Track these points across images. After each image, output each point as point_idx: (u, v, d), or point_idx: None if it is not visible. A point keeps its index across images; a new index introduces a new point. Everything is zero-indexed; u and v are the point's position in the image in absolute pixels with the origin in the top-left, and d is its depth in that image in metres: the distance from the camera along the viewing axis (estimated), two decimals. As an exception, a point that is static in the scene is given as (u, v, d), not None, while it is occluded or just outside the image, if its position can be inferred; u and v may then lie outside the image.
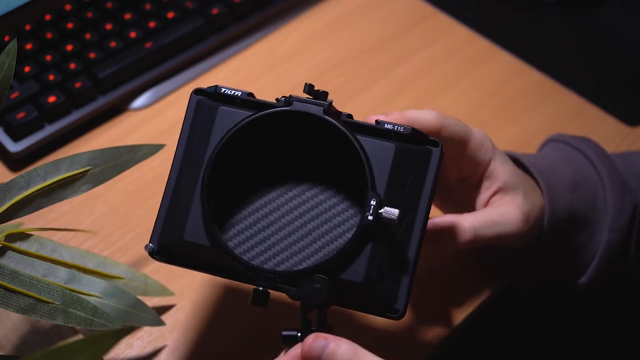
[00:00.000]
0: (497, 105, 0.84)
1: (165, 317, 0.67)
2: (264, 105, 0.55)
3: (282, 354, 0.52)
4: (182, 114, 0.82)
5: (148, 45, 0.83)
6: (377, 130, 0.55)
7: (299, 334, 0.52)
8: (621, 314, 0.88)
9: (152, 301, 0.67)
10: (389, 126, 0.54)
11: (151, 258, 0.56)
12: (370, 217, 0.51)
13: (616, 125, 0.82)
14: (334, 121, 0.53)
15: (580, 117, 0.83)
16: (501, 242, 0.62)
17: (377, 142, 0.54)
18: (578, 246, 0.67)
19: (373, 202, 0.52)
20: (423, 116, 0.58)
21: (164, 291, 0.66)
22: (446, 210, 0.67)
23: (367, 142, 0.54)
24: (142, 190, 0.76)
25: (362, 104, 0.84)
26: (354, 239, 0.52)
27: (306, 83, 0.54)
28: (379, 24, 0.91)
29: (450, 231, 0.60)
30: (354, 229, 0.53)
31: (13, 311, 0.56)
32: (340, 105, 0.84)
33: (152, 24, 0.85)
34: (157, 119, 0.82)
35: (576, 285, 0.68)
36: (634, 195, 0.67)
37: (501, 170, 0.62)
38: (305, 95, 0.55)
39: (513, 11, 0.94)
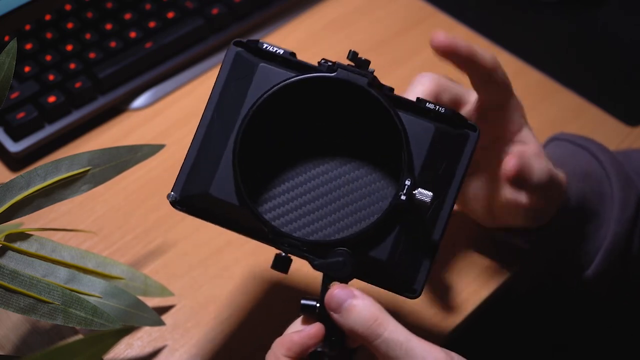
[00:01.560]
0: (497, 105, 0.84)
1: (165, 317, 0.67)
2: (307, 67, 0.54)
3: (297, 320, 0.52)
4: (183, 114, 0.83)
5: (148, 45, 0.83)
6: (418, 108, 0.54)
7: (318, 304, 0.52)
8: (620, 314, 0.88)
9: (152, 301, 0.67)
10: (430, 105, 0.54)
11: (150, 259, 0.56)
12: (403, 197, 0.51)
13: (616, 125, 0.82)
14: (378, 95, 0.52)
15: (580, 117, 0.83)
16: (547, 198, 0.63)
17: (417, 120, 0.53)
18: (584, 238, 0.67)
19: (408, 183, 0.51)
20: (483, 53, 0.61)
21: (164, 291, 0.66)
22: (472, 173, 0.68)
23: (407, 120, 0.53)
24: (142, 190, 0.76)
25: (362, 104, 0.84)
26: (384, 218, 0.51)
27: (350, 50, 0.53)
28: (379, 24, 0.91)
29: (531, 167, 0.61)
30: (386, 207, 0.52)
31: (13, 311, 0.56)
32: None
33: (152, 24, 0.85)
34: (157, 119, 0.82)
35: (581, 279, 0.68)
36: (637, 189, 0.67)
37: (533, 140, 0.64)
38: (348, 62, 0.54)
39: (513, 11, 0.94)
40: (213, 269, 0.71)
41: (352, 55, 0.53)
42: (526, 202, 0.63)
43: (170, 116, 0.82)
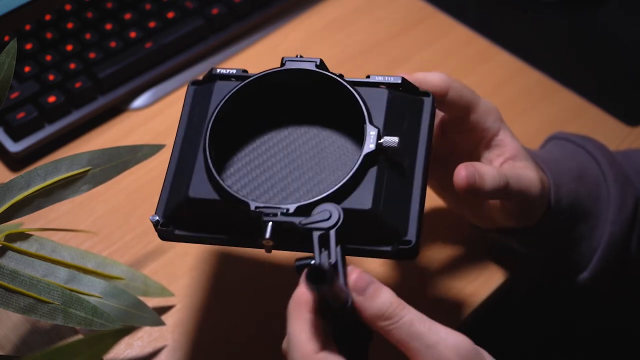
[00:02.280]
0: (497, 105, 0.84)
1: (165, 318, 0.67)
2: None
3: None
4: (182, 114, 0.83)
5: (148, 45, 0.83)
6: (369, 83, 0.56)
7: (312, 262, 0.50)
8: (620, 314, 0.88)
9: (152, 301, 0.67)
10: (380, 78, 0.56)
11: (150, 259, 0.56)
12: (371, 146, 0.52)
13: (616, 125, 0.82)
14: (326, 72, 0.55)
15: (580, 117, 0.83)
16: (521, 201, 0.61)
17: (370, 89, 0.56)
18: (579, 238, 0.66)
19: (372, 133, 0.53)
20: (430, 77, 0.59)
21: (164, 291, 0.66)
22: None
23: (361, 90, 0.55)
24: (142, 190, 0.76)
25: (362, 104, 0.84)
26: (359, 168, 0.52)
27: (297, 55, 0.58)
28: (379, 24, 0.91)
29: (481, 175, 0.59)
30: (357, 160, 0.52)
31: (13, 311, 0.56)
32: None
33: (152, 24, 0.85)
34: (157, 119, 0.82)
35: (578, 281, 0.68)
36: (635, 189, 0.67)
37: (511, 141, 0.63)
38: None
39: (513, 11, 0.94)
40: (213, 269, 0.71)
41: (299, 57, 0.57)
42: (503, 204, 0.63)
43: (170, 116, 0.82)
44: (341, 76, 0.57)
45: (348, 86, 0.55)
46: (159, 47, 0.83)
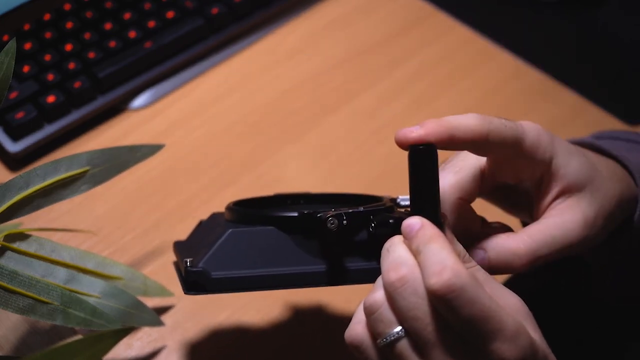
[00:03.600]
0: (497, 105, 0.84)
1: (164, 318, 0.67)
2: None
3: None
4: (182, 114, 0.83)
5: (148, 45, 0.83)
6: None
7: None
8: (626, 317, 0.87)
9: (151, 302, 0.67)
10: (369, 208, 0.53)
11: (150, 259, 0.56)
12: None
13: (616, 124, 0.82)
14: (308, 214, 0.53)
15: (580, 117, 0.83)
16: (563, 254, 0.55)
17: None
18: None
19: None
20: (465, 122, 0.50)
21: (163, 292, 0.66)
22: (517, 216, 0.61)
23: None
24: (142, 190, 0.76)
25: (362, 104, 0.84)
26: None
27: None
28: (379, 24, 0.91)
29: (506, 260, 0.54)
30: None
31: (12, 311, 0.55)
32: (340, 105, 0.84)
33: (151, 24, 0.84)
34: (157, 119, 0.82)
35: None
36: None
37: (565, 169, 0.54)
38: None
39: (513, 11, 0.94)
40: (213, 269, 0.71)
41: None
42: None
43: (170, 116, 0.82)
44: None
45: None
46: (159, 47, 0.83)
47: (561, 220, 0.54)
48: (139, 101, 0.83)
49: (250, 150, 0.80)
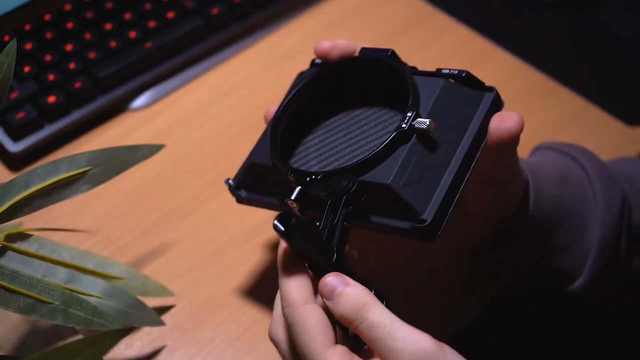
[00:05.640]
0: (497, 105, 0.84)
1: (165, 318, 0.67)
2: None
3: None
4: (183, 114, 0.83)
5: (148, 45, 0.83)
6: (434, 73, 0.58)
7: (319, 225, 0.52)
8: (611, 316, 0.88)
9: (152, 301, 0.67)
10: (446, 71, 0.58)
11: (150, 259, 0.56)
12: (404, 125, 0.53)
13: (616, 125, 0.82)
14: (391, 62, 0.59)
15: (580, 117, 0.83)
16: (510, 180, 0.62)
17: (430, 78, 0.57)
18: (566, 243, 0.65)
19: (409, 114, 0.54)
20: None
21: (163, 291, 0.66)
22: None
23: (421, 79, 0.57)
24: (142, 190, 0.76)
25: (362, 104, 0.84)
26: (387, 144, 0.53)
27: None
28: (379, 24, 0.91)
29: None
30: (389, 137, 0.54)
31: (12, 311, 0.56)
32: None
33: (151, 24, 0.85)
34: (157, 119, 0.82)
35: (573, 290, 0.67)
36: (621, 188, 0.66)
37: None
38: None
39: (513, 11, 0.94)
40: (213, 269, 0.71)
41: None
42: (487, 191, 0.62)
43: (170, 116, 0.82)
44: (413, 68, 0.59)
45: (401, 71, 0.58)
46: (159, 47, 0.83)
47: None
48: (139, 101, 0.83)
49: (250, 150, 0.80)
